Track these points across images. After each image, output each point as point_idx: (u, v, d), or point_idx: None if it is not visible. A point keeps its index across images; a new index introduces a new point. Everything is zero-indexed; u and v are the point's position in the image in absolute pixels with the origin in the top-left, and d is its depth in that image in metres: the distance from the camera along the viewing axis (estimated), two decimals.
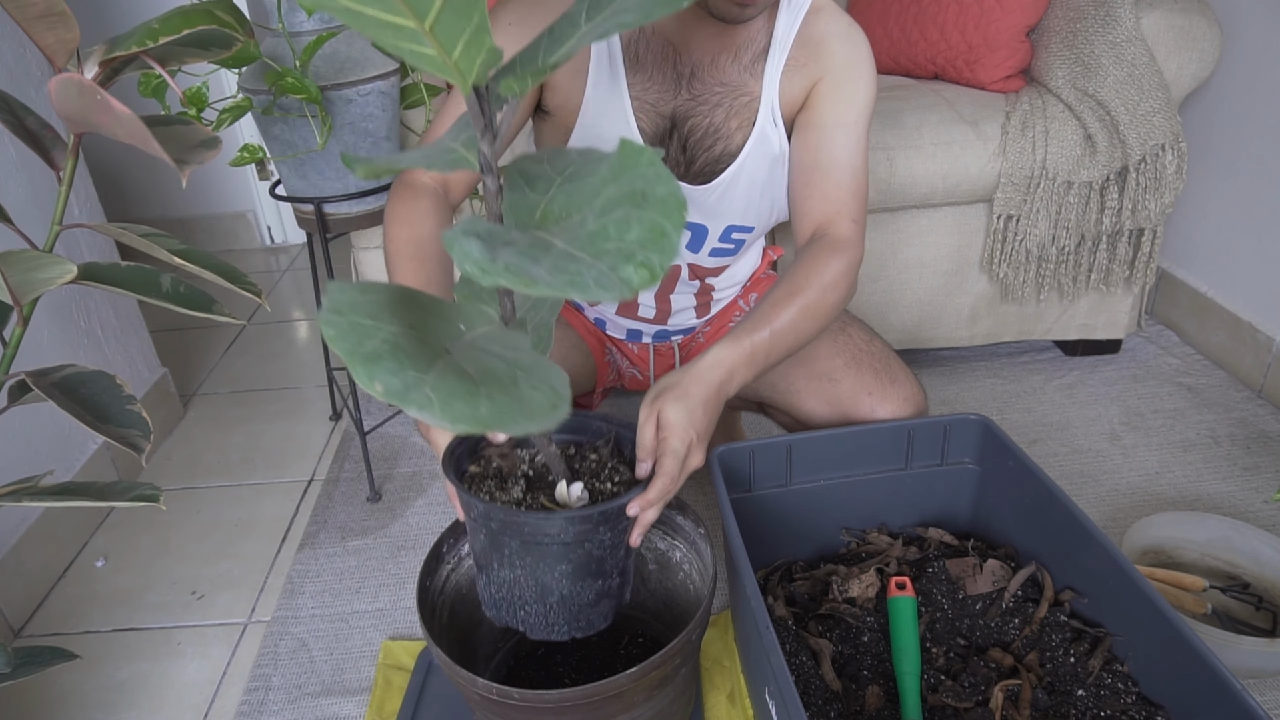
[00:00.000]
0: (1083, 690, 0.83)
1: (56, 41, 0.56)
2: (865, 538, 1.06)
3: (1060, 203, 1.38)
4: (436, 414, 0.38)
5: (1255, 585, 1.05)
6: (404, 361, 0.40)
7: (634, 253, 0.38)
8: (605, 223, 0.40)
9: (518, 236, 0.42)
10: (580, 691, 0.71)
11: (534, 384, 0.43)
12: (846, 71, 0.93)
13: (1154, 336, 1.68)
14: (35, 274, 0.60)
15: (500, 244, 0.40)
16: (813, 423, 1.12)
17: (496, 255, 0.38)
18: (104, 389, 0.69)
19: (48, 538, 1.24)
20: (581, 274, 0.37)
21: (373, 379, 0.38)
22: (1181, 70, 1.35)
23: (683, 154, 0.97)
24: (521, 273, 0.37)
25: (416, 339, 0.42)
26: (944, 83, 1.52)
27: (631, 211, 0.40)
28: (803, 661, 0.89)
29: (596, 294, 0.37)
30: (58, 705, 1.05)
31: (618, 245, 0.39)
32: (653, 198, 0.40)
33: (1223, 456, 1.34)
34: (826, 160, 0.93)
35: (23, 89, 1.26)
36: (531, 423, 0.40)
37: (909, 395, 1.06)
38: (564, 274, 0.37)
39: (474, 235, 0.39)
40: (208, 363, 1.86)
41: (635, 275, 0.37)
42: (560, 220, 0.46)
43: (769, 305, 0.87)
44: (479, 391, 0.40)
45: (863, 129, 0.94)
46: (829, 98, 0.93)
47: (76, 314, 1.35)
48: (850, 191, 0.93)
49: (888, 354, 1.10)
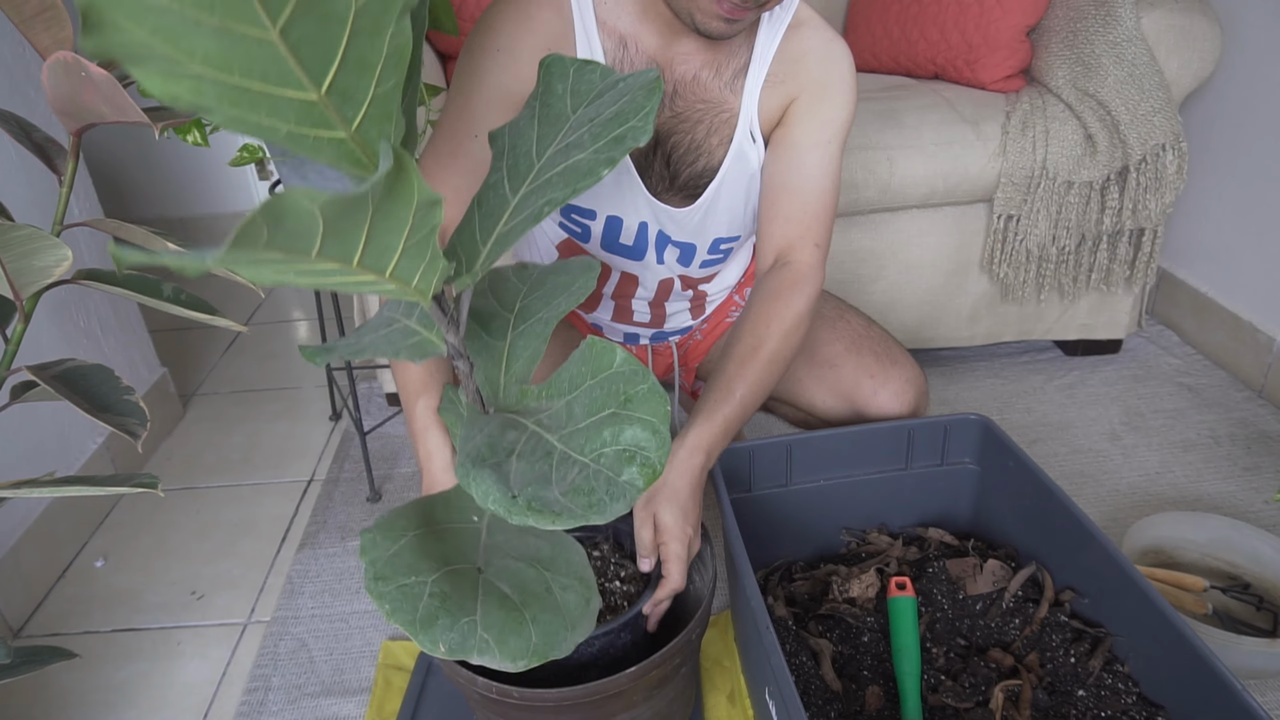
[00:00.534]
0: (1083, 690, 0.83)
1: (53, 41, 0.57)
2: (865, 538, 1.06)
3: (1060, 203, 1.37)
4: (497, 657, 0.44)
5: (1255, 585, 1.04)
6: (454, 612, 0.45)
7: (634, 454, 0.43)
8: (598, 427, 0.44)
9: (514, 438, 0.46)
10: (580, 691, 0.71)
11: (564, 584, 0.48)
12: (823, 90, 0.92)
13: (1154, 336, 1.68)
14: (32, 260, 0.60)
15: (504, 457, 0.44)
16: (816, 410, 1.12)
17: (514, 489, 0.42)
18: (103, 381, 0.71)
19: (47, 538, 1.24)
20: (595, 492, 0.42)
21: (435, 644, 0.43)
22: (1182, 70, 1.35)
23: (666, 169, 0.97)
24: (545, 509, 0.41)
25: (452, 577, 0.47)
26: (944, 83, 1.52)
27: (620, 413, 0.44)
28: (803, 661, 0.89)
29: (613, 509, 0.41)
30: (58, 705, 1.05)
31: (615, 450, 0.43)
32: (636, 399, 0.44)
33: (1223, 456, 1.34)
34: (797, 181, 0.93)
35: (23, 89, 1.26)
36: (575, 633, 0.46)
37: (910, 377, 1.06)
38: (582, 497, 0.41)
39: (482, 465, 0.44)
40: (208, 363, 1.86)
41: (640, 476, 0.42)
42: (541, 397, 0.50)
43: (734, 366, 0.87)
44: (524, 618, 0.45)
45: (836, 149, 0.94)
46: (804, 116, 0.93)
47: (76, 314, 1.35)
48: (815, 215, 0.93)
49: (886, 338, 1.11)
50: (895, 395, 1.05)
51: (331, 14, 0.32)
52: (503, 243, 0.48)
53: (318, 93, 0.34)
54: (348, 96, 0.35)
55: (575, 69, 0.53)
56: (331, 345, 0.51)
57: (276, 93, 0.32)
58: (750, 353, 0.88)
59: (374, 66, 0.35)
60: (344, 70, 0.34)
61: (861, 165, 1.34)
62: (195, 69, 0.30)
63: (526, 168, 0.49)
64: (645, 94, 0.47)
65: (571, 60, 0.54)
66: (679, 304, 1.14)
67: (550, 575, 0.48)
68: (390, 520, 0.50)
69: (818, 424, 1.16)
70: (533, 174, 0.48)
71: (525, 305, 0.59)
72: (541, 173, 0.48)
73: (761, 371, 0.88)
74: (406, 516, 0.51)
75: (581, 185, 0.45)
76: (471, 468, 0.44)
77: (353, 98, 0.35)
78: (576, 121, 0.49)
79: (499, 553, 0.51)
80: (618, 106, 0.47)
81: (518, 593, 0.47)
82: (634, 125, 0.46)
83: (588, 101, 0.50)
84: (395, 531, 0.49)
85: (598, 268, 0.61)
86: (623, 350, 0.47)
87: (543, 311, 0.58)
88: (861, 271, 1.47)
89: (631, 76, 0.51)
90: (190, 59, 0.29)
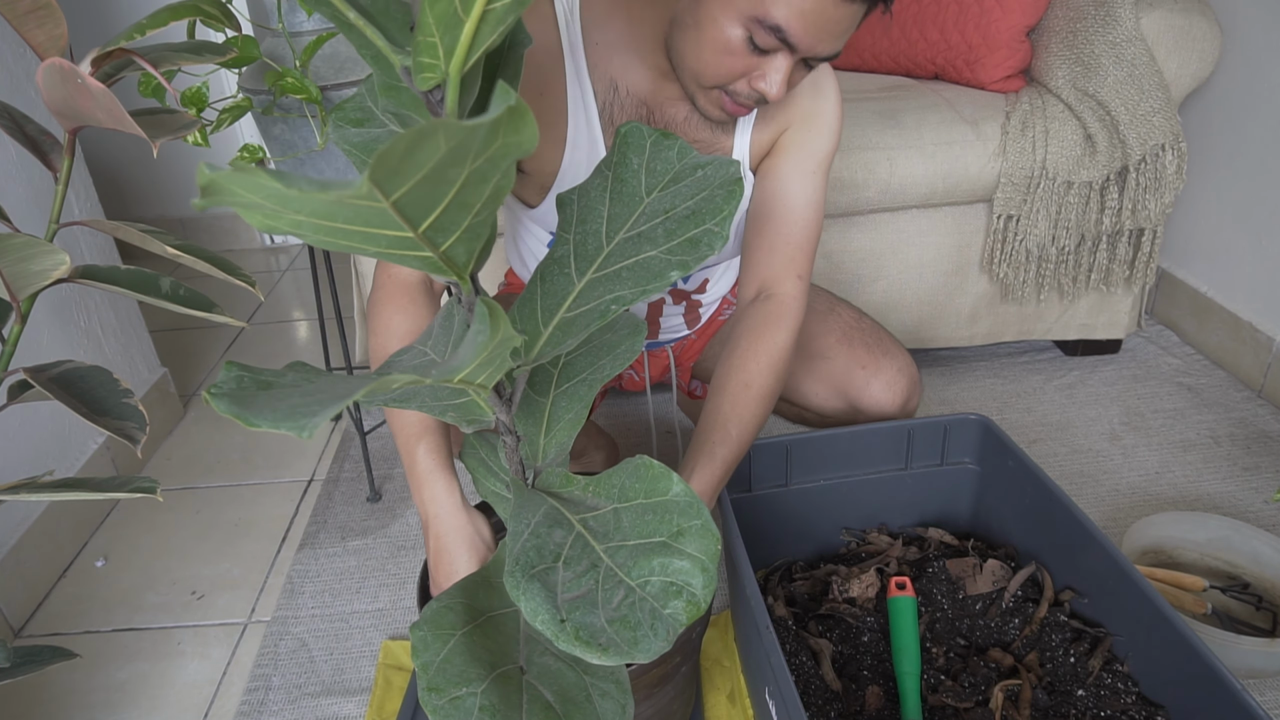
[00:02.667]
0: (1083, 690, 0.83)
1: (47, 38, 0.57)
2: (865, 538, 1.06)
3: (1060, 203, 1.38)
4: None
5: (1255, 585, 1.05)
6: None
7: (680, 590, 0.43)
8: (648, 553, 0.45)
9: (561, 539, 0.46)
10: None
11: (603, 689, 0.48)
12: (811, 121, 0.93)
13: (1154, 336, 1.68)
14: (28, 265, 0.60)
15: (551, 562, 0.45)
16: (810, 404, 1.12)
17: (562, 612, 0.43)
18: (101, 384, 0.70)
19: (48, 538, 1.24)
20: (640, 625, 0.42)
21: None
22: (1181, 70, 1.35)
23: None
24: (592, 641, 0.41)
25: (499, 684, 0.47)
26: (944, 83, 1.52)
27: (671, 545, 0.45)
28: (803, 661, 0.89)
29: (655, 647, 0.41)
30: (58, 705, 1.05)
31: (662, 581, 0.43)
32: (688, 534, 0.45)
33: (1223, 456, 1.34)
34: (781, 211, 0.93)
35: (23, 89, 1.26)
36: None
37: (902, 366, 1.07)
38: (627, 630, 0.42)
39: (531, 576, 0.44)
40: (208, 363, 1.86)
41: (684, 612, 0.42)
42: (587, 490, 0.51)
43: (728, 405, 0.87)
44: None
45: (821, 179, 0.95)
46: (792, 147, 0.93)
47: (76, 314, 1.35)
48: (799, 245, 0.93)
49: (877, 329, 1.11)
50: (887, 385, 1.05)
51: (443, 179, 0.31)
52: (565, 330, 0.47)
53: (415, 232, 0.34)
54: (443, 230, 0.35)
55: (653, 143, 0.51)
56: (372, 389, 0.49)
57: (376, 233, 0.33)
58: (741, 390, 0.88)
59: (472, 207, 0.35)
60: (444, 214, 0.34)
61: (861, 165, 1.34)
62: (300, 219, 0.30)
63: (595, 249, 0.48)
64: (725, 196, 0.46)
65: (649, 132, 0.52)
66: (673, 319, 1.16)
67: (590, 680, 0.49)
68: (438, 615, 0.50)
69: (813, 418, 1.16)
70: (601, 257, 0.48)
71: (569, 362, 0.58)
72: (610, 260, 0.47)
73: (754, 408, 0.88)
74: (453, 609, 0.51)
75: (651, 288, 0.45)
76: (522, 579, 0.44)
77: (447, 230, 0.35)
78: (651, 209, 0.48)
79: (538, 647, 0.51)
80: (694, 202, 0.46)
81: (560, 700, 0.47)
82: (710, 230, 0.45)
83: (663, 185, 0.48)
84: (444, 628, 0.49)
85: (644, 330, 0.59)
86: (680, 480, 0.47)
87: (586, 373, 0.57)
88: (861, 271, 1.47)
89: (712, 166, 0.48)
90: (298, 214, 0.30)
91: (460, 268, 0.39)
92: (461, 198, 0.33)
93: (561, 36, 0.88)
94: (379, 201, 0.30)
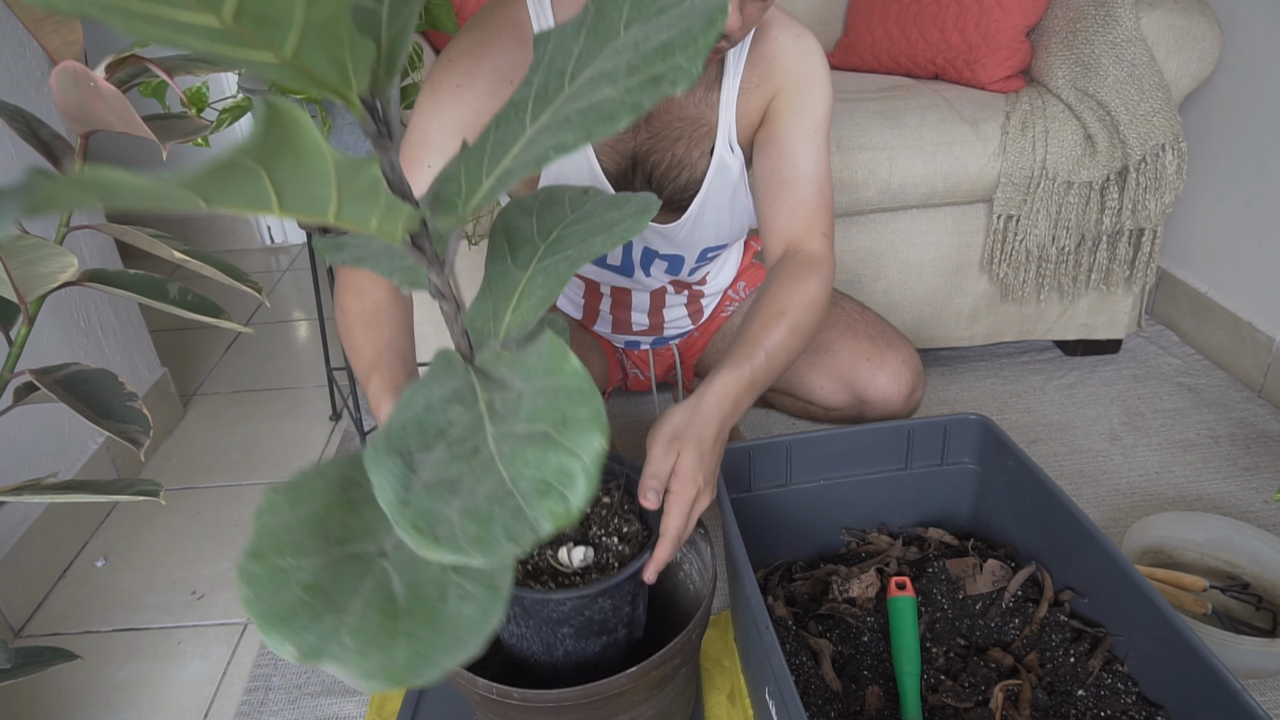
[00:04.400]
0: (1083, 690, 0.83)
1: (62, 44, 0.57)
2: (865, 538, 1.06)
3: (1060, 203, 1.38)
4: (352, 672, 0.35)
5: (1255, 585, 1.05)
6: (319, 610, 0.36)
7: (550, 489, 0.35)
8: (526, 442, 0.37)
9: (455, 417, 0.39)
10: (580, 691, 0.71)
11: (467, 590, 0.38)
12: (801, 84, 0.92)
13: (1154, 336, 1.68)
14: (36, 267, 0.60)
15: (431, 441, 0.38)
16: (815, 398, 1.12)
17: (409, 495, 0.35)
18: (105, 386, 0.70)
19: (48, 538, 1.24)
20: (492, 521, 0.34)
21: (283, 643, 0.34)
22: (1181, 70, 1.35)
23: (649, 186, 0.96)
24: (428, 531, 0.34)
25: (342, 564, 0.39)
26: (944, 83, 1.52)
27: (552, 436, 0.37)
28: (803, 661, 0.89)
29: (502, 550, 0.34)
30: (58, 705, 1.05)
31: (534, 477, 0.36)
32: (573, 424, 0.37)
33: (1223, 456, 1.34)
34: (791, 175, 0.92)
35: (23, 90, 1.26)
36: (456, 655, 0.36)
37: (906, 357, 1.07)
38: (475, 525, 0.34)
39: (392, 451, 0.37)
40: (208, 363, 1.86)
41: (549, 519, 0.35)
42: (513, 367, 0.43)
43: (758, 327, 0.85)
44: (397, 629, 0.36)
45: (822, 138, 0.94)
46: (787, 112, 0.92)
47: (77, 314, 1.35)
48: (817, 205, 0.92)
49: (880, 322, 1.12)
50: (893, 376, 1.06)
51: None
52: (503, 182, 0.40)
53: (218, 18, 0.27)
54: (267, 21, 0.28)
55: None
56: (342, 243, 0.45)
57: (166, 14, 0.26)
58: (774, 317, 0.85)
59: None
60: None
61: (861, 165, 1.34)
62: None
63: (556, 90, 0.41)
64: (705, 25, 0.38)
65: None
66: (676, 310, 1.15)
67: (456, 578, 0.39)
68: (304, 479, 0.42)
69: (818, 412, 1.16)
70: (559, 100, 0.41)
71: (561, 236, 0.51)
72: (568, 102, 0.41)
73: (786, 335, 0.85)
74: (325, 476, 0.43)
75: (597, 132, 0.37)
76: (383, 452, 0.37)
77: (275, 22, 0.28)
78: (624, 42, 0.41)
79: None
80: (669, 34, 0.39)
81: (409, 594, 0.38)
82: (678, 65, 0.37)
83: (646, 18, 0.41)
84: (304, 494, 0.41)
85: (655, 207, 0.53)
86: (576, 360, 0.40)
87: (574, 249, 0.50)
88: (861, 271, 1.47)
89: None
90: None
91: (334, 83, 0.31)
92: None
93: (532, 22, 0.88)
94: None
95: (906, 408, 1.10)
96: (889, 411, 1.09)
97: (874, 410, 1.09)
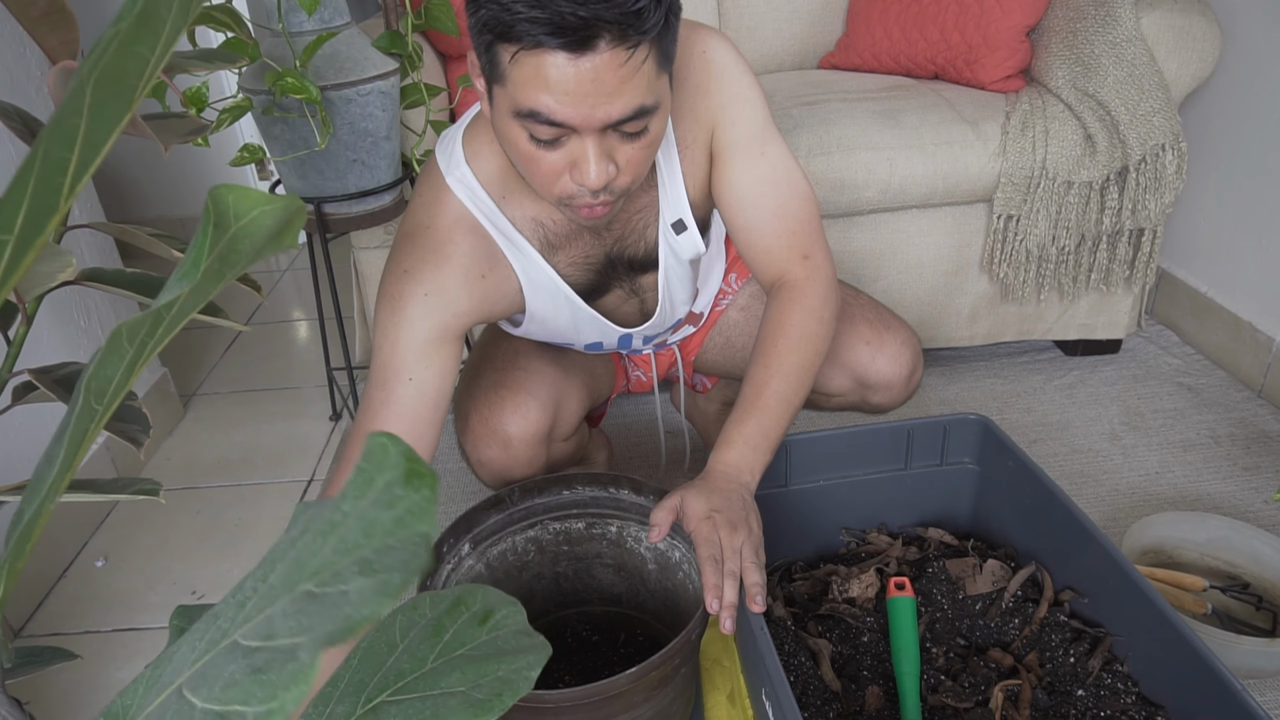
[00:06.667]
0: (1083, 690, 0.83)
1: (60, 43, 0.57)
2: (865, 538, 1.06)
3: (1060, 203, 1.38)
4: None
5: (1255, 585, 1.05)
6: None
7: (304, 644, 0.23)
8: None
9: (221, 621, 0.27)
10: (580, 691, 0.71)
11: None
12: (728, 105, 0.88)
13: (1154, 336, 1.68)
14: (35, 266, 0.60)
15: None
16: (817, 385, 1.13)
17: None
18: None
19: (48, 538, 1.24)
20: None
21: None
22: (1181, 70, 1.35)
23: (631, 273, 0.98)
24: None
25: None
26: (944, 83, 1.52)
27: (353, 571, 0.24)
28: (802, 662, 0.89)
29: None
30: (58, 705, 1.05)
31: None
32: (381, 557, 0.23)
33: (1223, 456, 1.34)
34: (753, 219, 0.91)
35: (23, 89, 1.26)
36: None
37: (905, 339, 1.08)
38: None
39: None
40: (208, 363, 1.86)
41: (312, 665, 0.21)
42: None
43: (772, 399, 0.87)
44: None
45: (771, 151, 0.90)
46: (728, 146, 0.89)
47: (76, 314, 1.35)
48: (792, 232, 0.91)
49: (877, 305, 1.12)
50: (893, 358, 1.06)
51: None
52: None
53: None
54: None
55: None
56: None
57: None
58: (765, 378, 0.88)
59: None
60: None
61: (861, 165, 1.34)
62: None
63: None
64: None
65: None
66: (685, 330, 1.18)
67: None
68: None
69: (820, 399, 1.16)
70: None
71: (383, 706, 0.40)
72: None
73: (780, 384, 0.88)
74: None
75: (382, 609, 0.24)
76: None
77: None
78: None
79: None
80: None
81: None
82: None
83: None
84: None
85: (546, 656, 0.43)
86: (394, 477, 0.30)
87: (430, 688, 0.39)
88: (861, 271, 1.47)
89: None
90: None
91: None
92: None
93: (474, 214, 0.87)
94: None
95: (908, 389, 1.10)
96: (890, 394, 1.09)
97: (875, 394, 1.09)
